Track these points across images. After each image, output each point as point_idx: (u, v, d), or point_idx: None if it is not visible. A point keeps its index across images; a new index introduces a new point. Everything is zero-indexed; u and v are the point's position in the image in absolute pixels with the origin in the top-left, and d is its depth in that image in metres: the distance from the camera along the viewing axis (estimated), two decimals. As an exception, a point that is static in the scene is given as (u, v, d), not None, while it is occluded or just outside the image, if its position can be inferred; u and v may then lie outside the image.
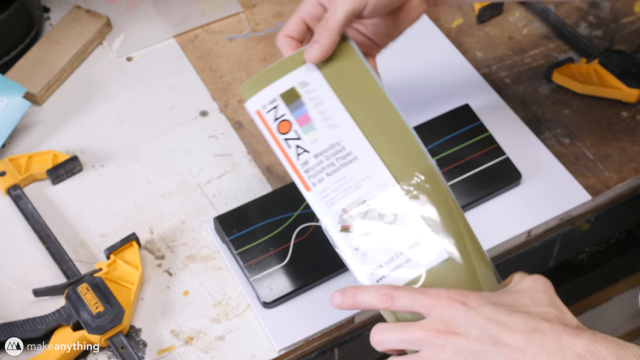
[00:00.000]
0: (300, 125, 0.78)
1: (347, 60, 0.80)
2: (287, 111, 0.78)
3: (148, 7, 1.13)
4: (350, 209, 0.76)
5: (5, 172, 0.94)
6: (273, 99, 0.79)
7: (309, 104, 0.78)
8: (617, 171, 0.97)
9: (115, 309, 0.83)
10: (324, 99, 0.79)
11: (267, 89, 0.79)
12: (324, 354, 0.88)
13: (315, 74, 0.79)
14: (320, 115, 0.78)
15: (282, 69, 0.80)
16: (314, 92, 0.79)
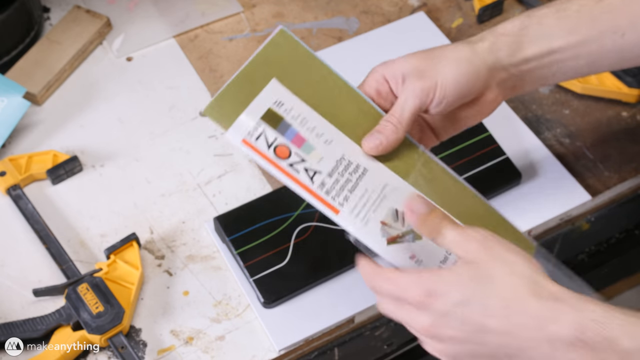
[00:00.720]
0: (299, 147, 0.74)
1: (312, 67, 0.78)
2: (277, 134, 0.74)
3: (148, 7, 1.13)
4: (389, 221, 0.73)
5: (5, 172, 0.94)
6: (256, 124, 0.73)
7: (295, 124, 0.74)
8: (617, 171, 0.97)
9: (115, 309, 0.83)
10: (305, 116, 0.75)
11: (244, 114, 0.74)
12: (324, 354, 0.88)
13: (284, 91, 0.75)
14: (312, 133, 0.75)
15: (247, 87, 0.75)
16: (292, 111, 0.75)
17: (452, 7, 1.14)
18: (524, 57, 0.78)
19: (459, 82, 0.75)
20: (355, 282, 0.88)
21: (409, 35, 1.09)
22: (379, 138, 0.75)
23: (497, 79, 0.78)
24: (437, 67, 0.76)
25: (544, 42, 0.78)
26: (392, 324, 0.91)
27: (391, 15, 1.13)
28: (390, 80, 0.77)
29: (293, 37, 0.79)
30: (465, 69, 0.76)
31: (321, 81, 0.77)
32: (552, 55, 0.78)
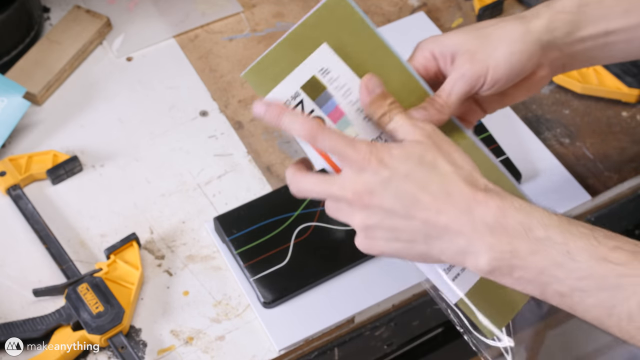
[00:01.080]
0: (335, 122, 0.71)
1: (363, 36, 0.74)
2: (315, 106, 0.70)
3: (148, 7, 1.13)
4: None
5: (5, 172, 0.94)
6: (295, 93, 0.70)
7: (337, 95, 0.71)
8: (617, 171, 0.97)
9: (115, 309, 0.83)
10: (350, 86, 0.71)
11: (285, 81, 0.70)
12: (324, 354, 0.88)
13: (333, 58, 0.71)
14: (352, 107, 0.71)
15: (292, 53, 0.71)
16: (338, 80, 0.71)
17: (452, 7, 1.14)
18: (580, 37, 0.76)
19: (512, 65, 0.74)
20: (355, 282, 0.88)
21: (409, 35, 1.09)
22: (422, 114, 0.73)
23: (549, 57, 0.77)
24: (489, 49, 0.74)
25: (601, 23, 0.76)
26: (392, 323, 0.91)
27: (391, 15, 1.13)
28: (439, 58, 0.76)
29: (348, 2, 0.74)
30: (519, 51, 0.74)
31: (372, 52, 0.74)
32: (607, 36, 0.76)
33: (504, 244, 0.64)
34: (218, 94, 1.04)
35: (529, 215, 0.65)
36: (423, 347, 1.08)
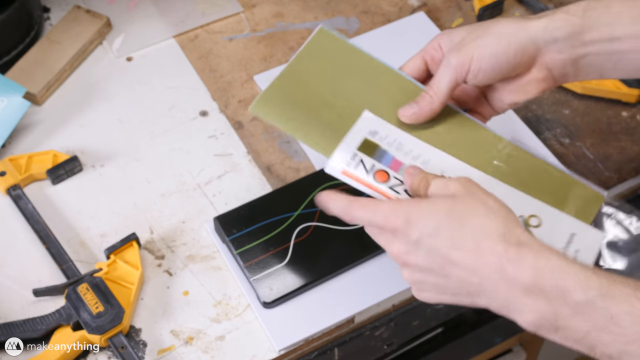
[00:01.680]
0: (396, 171, 0.76)
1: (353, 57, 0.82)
2: (374, 162, 0.76)
3: (148, 7, 1.13)
4: None
5: (5, 172, 0.94)
6: (353, 154, 0.76)
7: (391, 150, 0.77)
8: (617, 171, 0.97)
9: (115, 309, 0.83)
10: (401, 141, 0.77)
11: (341, 147, 0.76)
12: (324, 354, 0.88)
13: (378, 121, 0.78)
14: (408, 156, 0.77)
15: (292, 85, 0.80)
16: (387, 138, 0.77)
17: (452, 7, 1.14)
18: (582, 40, 0.76)
19: (496, 57, 0.76)
20: (355, 282, 0.88)
21: (409, 35, 1.09)
22: (414, 108, 0.78)
23: (548, 59, 0.77)
24: (477, 40, 0.76)
25: (607, 28, 0.75)
26: (392, 323, 0.91)
27: (391, 15, 1.13)
28: (444, 49, 0.80)
29: (331, 32, 0.83)
30: (506, 44, 0.75)
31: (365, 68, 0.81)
32: (613, 43, 0.75)
33: (543, 305, 0.63)
34: (218, 94, 1.04)
35: (566, 277, 0.63)
36: (423, 347, 1.08)
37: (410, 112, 0.78)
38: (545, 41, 0.76)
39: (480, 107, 0.83)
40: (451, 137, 0.79)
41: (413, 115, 0.78)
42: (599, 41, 0.76)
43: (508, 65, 0.76)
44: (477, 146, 0.79)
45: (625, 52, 0.76)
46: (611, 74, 0.78)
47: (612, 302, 0.62)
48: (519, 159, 0.79)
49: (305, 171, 0.97)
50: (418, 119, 0.78)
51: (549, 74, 0.78)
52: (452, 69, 0.76)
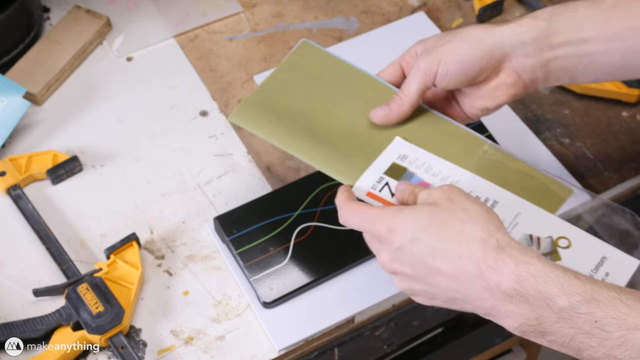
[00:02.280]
0: None
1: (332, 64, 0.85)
2: None
3: (148, 7, 1.13)
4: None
5: (5, 172, 0.94)
6: (379, 178, 0.78)
7: (419, 172, 0.78)
8: (617, 171, 0.97)
9: (115, 309, 0.83)
10: (430, 163, 0.78)
11: (368, 172, 0.78)
12: (324, 354, 0.88)
13: (409, 146, 0.79)
14: (436, 178, 0.78)
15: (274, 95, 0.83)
16: (417, 161, 0.78)
17: (452, 7, 1.14)
18: (550, 43, 0.76)
19: (463, 61, 0.77)
20: (355, 282, 0.88)
21: (409, 35, 1.09)
22: (385, 109, 0.80)
23: (516, 63, 0.78)
24: (446, 45, 0.78)
25: (573, 30, 0.76)
26: (392, 323, 0.91)
27: (391, 15, 1.13)
28: (419, 55, 0.81)
29: (312, 44, 0.87)
30: (474, 48, 0.77)
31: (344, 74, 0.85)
32: (581, 45, 0.76)
33: (527, 311, 0.63)
34: (218, 94, 1.04)
35: (548, 282, 0.63)
36: (423, 347, 1.08)
37: (381, 113, 0.81)
38: (513, 45, 0.77)
39: (453, 113, 0.83)
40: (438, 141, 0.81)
41: (384, 117, 0.80)
42: (567, 44, 0.76)
43: (474, 69, 0.77)
44: (465, 150, 0.80)
45: (595, 54, 0.76)
46: (582, 77, 0.79)
47: (597, 307, 0.62)
48: (494, 156, 0.80)
49: (305, 171, 0.97)
50: (389, 120, 0.81)
51: (518, 79, 0.79)
52: (422, 72, 0.78)
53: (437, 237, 0.67)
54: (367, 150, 0.80)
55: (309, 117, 0.82)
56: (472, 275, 0.65)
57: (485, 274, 0.64)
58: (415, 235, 0.67)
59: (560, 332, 0.63)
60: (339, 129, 0.82)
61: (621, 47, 0.76)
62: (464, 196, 0.69)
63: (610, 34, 0.75)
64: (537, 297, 0.63)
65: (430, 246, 0.67)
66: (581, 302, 0.62)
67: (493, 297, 0.64)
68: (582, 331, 0.62)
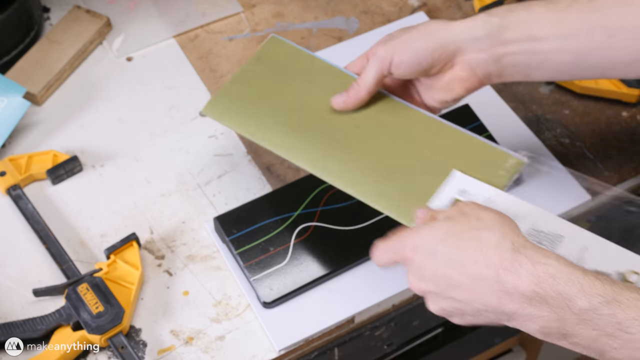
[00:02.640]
0: None
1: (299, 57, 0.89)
2: None
3: (148, 7, 1.13)
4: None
5: (5, 172, 0.94)
6: None
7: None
8: (617, 171, 0.97)
9: (115, 309, 0.83)
10: (491, 197, 0.77)
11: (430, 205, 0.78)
12: (324, 354, 0.88)
13: (469, 180, 0.79)
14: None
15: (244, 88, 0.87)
16: (477, 196, 0.78)
17: (452, 7, 1.14)
18: (503, 39, 0.79)
19: (417, 52, 0.80)
20: (355, 282, 0.88)
21: (409, 35, 1.09)
22: (343, 96, 0.85)
23: (470, 57, 0.80)
24: (403, 36, 0.81)
25: (526, 27, 0.78)
26: (392, 323, 0.91)
27: (391, 15, 1.13)
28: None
29: (280, 39, 0.91)
30: (427, 40, 0.80)
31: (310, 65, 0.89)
32: (533, 42, 0.78)
33: (548, 313, 0.63)
34: (218, 94, 1.04)
35: (568, 283, 0.62)
36: (423, 347, 1.08)
37: (340, 99, 0.85)
38: (465, 40, 0.80)
39: (415, 105, 0.86)
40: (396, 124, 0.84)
41: (342, 103, 0.85)
42: (519, 41, 0.78)
43: (427, 60, 0.80)
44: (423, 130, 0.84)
45: (548, 53, 0.78)
46: (537, 74, 0.80)
47: (619, 308, 0.61)
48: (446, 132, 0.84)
49: (305, 171, 0.96)
50: (347, 106, 0.85)
51: (472, 73, 0.81)
52: (379, 60, 0.82)
53: (454, 248, 0.67)
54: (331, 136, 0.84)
55: (278, 108, 0.86)
56: (490, 280, 0.64)
57: (502, 277, 0.64)
58: (434, 249, 0.68)
59: (583, 333, 0.62)
60: (307, 118, 0.85)
61: (574, 47, 0.77)
62: (477, 207, 0.69)
63: (564, 33, 0.77)
64: (557, 298, 0.62)
65: (449, 258, 0.67)
66: (602, 304, 0.61)
67: (513, 301, 0.64)
68: (605, 333, 0.62)
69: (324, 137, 0.84)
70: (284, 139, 0.84)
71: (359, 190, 0.81)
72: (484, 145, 0.82)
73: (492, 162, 0.81)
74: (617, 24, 0.76)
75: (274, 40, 0.91)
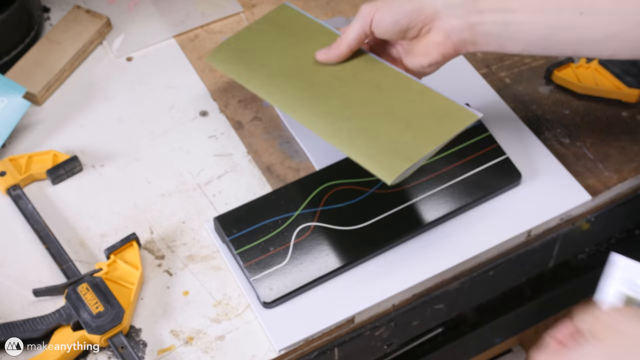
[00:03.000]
0: None
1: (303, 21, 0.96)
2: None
3: (148, 7, 1.13)
4: None
5: (5, 172, 0.94)
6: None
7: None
8: (617, 171, 0.97)
9: (115, 309, 0.83)
10: None
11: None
12: (324, 354, 0.88)
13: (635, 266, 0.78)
14: None
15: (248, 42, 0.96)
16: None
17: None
18: (476, 8, 0.82)
19: (396, 12, 0.85)
20: (355, 282, 0.88)
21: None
22: (326, 50, 0.91)
23: (446, 23, 0.84)
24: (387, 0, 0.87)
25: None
26: (392, 323, 0.91)
27: (391, 15, 1.13)
28: None
29: (289, 5, 0.98)
30: (406, 2, 0.85)
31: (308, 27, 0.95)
32: (506, 14, 0.82)
33: None
34: (218, 94, 1.04)
35: None
36: (423, 347, 1.08)
37: (322, 52, 0.91)
38: (443, 5, 0.84)
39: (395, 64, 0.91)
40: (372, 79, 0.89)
41: (323, 54, 0.91)
42: (493, 10, 0.82)
43: (404, 19, 0.85)
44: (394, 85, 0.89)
45: (520, 24, 0.81)
46: (510, 46, 0.84)
47: None
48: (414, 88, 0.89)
49: (305, 171, 0.97)
50: (328, 58, 0.90)
51: (447, 38, 0.85)
52: (361, 17, 0.87)
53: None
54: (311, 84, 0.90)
55: (272, 60, 0.93)
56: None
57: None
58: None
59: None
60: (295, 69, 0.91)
61: (544, 20, 0.81)
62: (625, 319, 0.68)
63: (535, 6, 0.81)
64: None
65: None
66: None
67: None
68: None
69: (301, 85, 0.90)
70: (270, 85, 0.91)
71: (316, 125, 0.87)
72: (445, 100, 0.87)
73: (449, 114, 0.86)
74: (588, 3, 0.79)
75: (284, 7, 0.98)
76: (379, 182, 0.91)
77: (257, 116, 1.02)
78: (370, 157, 0.83)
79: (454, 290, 0.93)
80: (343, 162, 0.93)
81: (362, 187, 0.91)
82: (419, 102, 0.87)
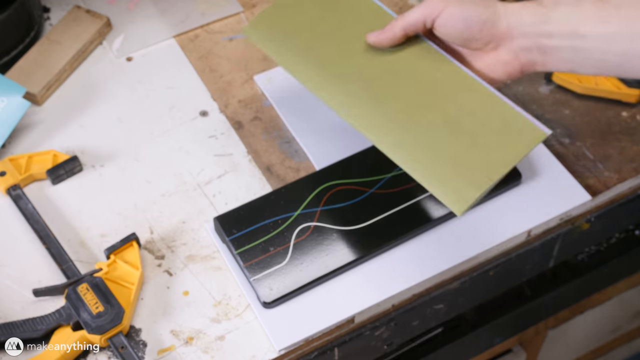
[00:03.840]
0: None
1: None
2: None
3: (148, 7, 1.13)
4: None
5: (5, 172, 0.94)
6: None
7: None
8: (617, 171, 0.97)
9: (115, 309, 0.83)
10: None
11: None
12: (324, 354, 0.88)
13: None
14: None
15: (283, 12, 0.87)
16: None
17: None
18: (547, 30, 0.78)
19: (469, 17, 0.79)
20: (355, 282, 0.88)
21: (409, 35, 1.09)
22: (378, 32, 0.84)
23: (516, 42, 0.80)
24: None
25: (571, 22, 0.77)
26: (392, 323, 0.91)
27: (391, 15, 1.13)
28: None
29: None
30: (483, 9, 0.79)
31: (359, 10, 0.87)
32: (577, 39, 0.78)
33: None
34: (218, 94, 1.04)
35: None
36: (423, 347, 1.08)
37: (374, 34, 0.84)
38: (516, 24, 0.79)
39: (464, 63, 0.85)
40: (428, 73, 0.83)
41: (375, 37, 0.84)
42: (562, 36, 0.78)
43: (475, 27, 0.80)
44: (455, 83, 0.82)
45: (592, 51, 0.78)
46: (582, 70, 0.80)
47: None
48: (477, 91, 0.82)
49: (305, 171, 0.97)
50: (380, 41, 0.84)
51: (516, 58, 0.81)
52: (427, 7, 0.81)
53: None
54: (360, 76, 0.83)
55: (315, 40, 0.86)
56: None
57: None
58: None
59: None
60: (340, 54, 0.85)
61: (618, 49, 0.76)
62: None
63: (607, 32, 0.76)
64: None
65: None
66: None
67: None
68: None
69: (353, 77, 0.83)
70: (314, 73, 0.84)
71: (377, 136, 0.80)
72: (512, 111, 0.80)
73: (516, 129, 0.79)
74: None
75: None
76: (379, 182, 0.91)
77: (257, 116, 1.02)
78: (436, 179, 0.77)
79: (454, 290, 0.93)
80: (343, 162, 0.93)
81: (362, 187, 0.91)
82: (485, 112, 0.80)
